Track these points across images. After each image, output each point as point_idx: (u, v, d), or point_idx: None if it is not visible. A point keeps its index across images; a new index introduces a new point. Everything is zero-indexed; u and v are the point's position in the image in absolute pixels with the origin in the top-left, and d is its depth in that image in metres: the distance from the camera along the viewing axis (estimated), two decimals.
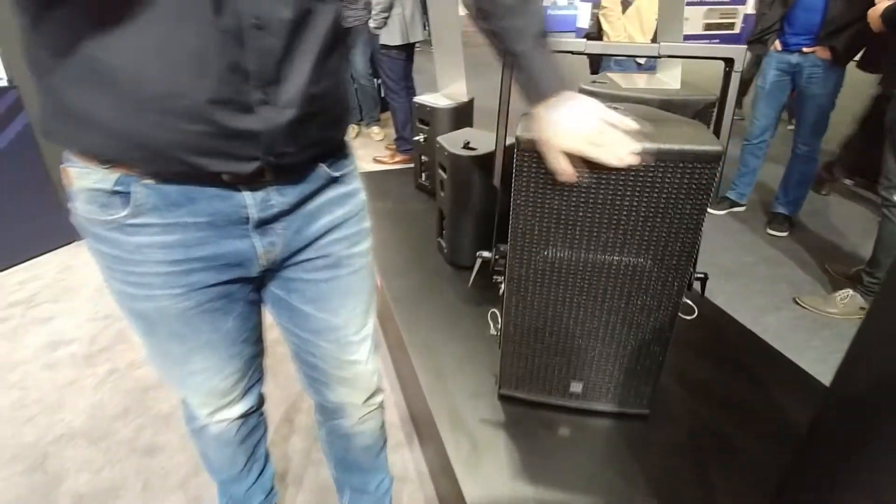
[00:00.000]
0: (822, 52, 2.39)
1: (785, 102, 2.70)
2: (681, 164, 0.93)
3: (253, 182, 0.69)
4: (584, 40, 1.03)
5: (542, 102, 0.82)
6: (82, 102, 0.60)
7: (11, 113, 2.31)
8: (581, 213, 1.02)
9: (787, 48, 2.53)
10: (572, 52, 1.07)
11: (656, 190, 0.96)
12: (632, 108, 1.17)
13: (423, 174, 2.50)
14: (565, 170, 0.85)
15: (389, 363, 1.86)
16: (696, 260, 1.11)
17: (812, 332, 2.07)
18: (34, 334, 2.00)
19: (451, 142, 1.78)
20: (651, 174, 0.95)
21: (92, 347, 1.93)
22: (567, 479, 1.11)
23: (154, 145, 0.61)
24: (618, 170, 0.95)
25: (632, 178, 0.96)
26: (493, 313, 1.20)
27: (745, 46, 1.00)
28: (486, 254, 1.24)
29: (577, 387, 1.23)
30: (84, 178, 0.66)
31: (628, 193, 0.98)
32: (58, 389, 1.73)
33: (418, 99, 2.39)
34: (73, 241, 2.65)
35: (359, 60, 3.84)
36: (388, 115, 4.16)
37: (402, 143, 3.59)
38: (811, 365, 1.45)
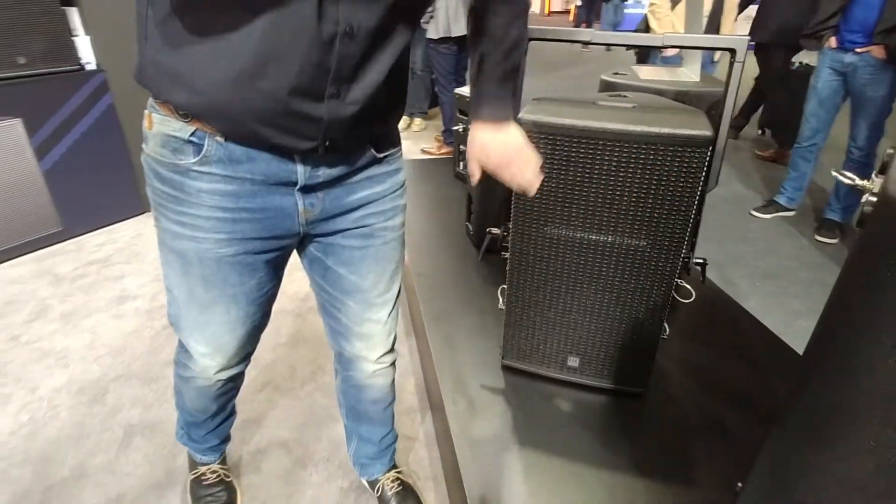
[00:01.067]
0: (878, 52, 2.28)
1: (839, 105, 2.59)
2: (671, 148, 0.98)
3: (306, 155, 0.80)
4: (591, 30, 1.09)
5: (483, 122, 0.91)
6: (180, 65, 0.72)
7: (98, 94, 2.60)
8: (577, 193, 1.08)
9: (841, 46, 2.43)
10: (581, 42, 1.13)
11: (648, 172, 1.02)
12: (639, 97, 1.22)
13: (461, 163, 2.59)
14: (475, 174, 0.95)
15: (411, 333, 1.97)
16: (694, 244, 1.14)
17: None
18: (107, 289, 2.27)
19: None
20: (643, 156, 1.01)
21: (153, 304, 2.16)
22: (556, 447, 1.17)
23: (231, 112, 0.72)
24: (612, 152, 1.02)
25: (625, 160, 1.02)
26: (503, 288, 1.28)
27: (748, 37, 1.03)
28: (495, 230, 1.32)
29: (574, 361, 1.29)
30: (164, 125, 0.78)
31: (621, 174, 1.04)
32: (122, 337, 1.96)
33: (459, 90, 2.48)
34: (145, 212, 2.94)
35: (419, 52, 3.98)
36: (437, 109, 4.29)
37: (449, 135, 3.70)
38: None
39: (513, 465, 1.13)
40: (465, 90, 2.48)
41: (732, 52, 1.04)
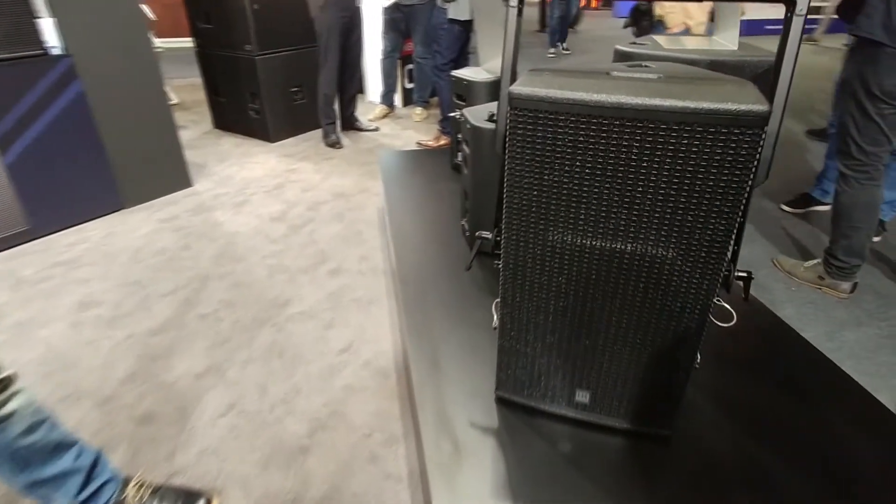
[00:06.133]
0: None
1: None
2: (712, 129, 0.74)
3: None
4: None
5: None
6: None
7: (65, 80, 2.39)
8: (587, 189, 0.84)
9: None
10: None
11: (680, 161, 0.77)
12: (666, 66, 0.97)
13: (459, 153, 2.34)
14: None
15: (399, 350, 1.74)
16: (736, 254, 0.90)
17: None
18: (69, 294, 2.07)
19: (476, 114, 1.62)
20: (674, 141, 0.76)
21: (116, 311, 1.96)
22: (558, 501, 0.94)
23: None
24: (633, 136, 0.77)
25: (648, 147, 0.78)
26: (497, 303, 1.04)
27: None
28: (486, 234, 1.08)
29: (583, 396, 1.05)
30: None
31: (644, 165, 0.79)
32: (77, 348, 1.76)
33: (456, 73, 2.25)
34: (121, 210, 2.74)
35: (418, 41, 3.84)
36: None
37: (447, 123, 3.46)
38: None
39: None
40: (463, 72, 2.24)
41: (791, 2, 0.78)
